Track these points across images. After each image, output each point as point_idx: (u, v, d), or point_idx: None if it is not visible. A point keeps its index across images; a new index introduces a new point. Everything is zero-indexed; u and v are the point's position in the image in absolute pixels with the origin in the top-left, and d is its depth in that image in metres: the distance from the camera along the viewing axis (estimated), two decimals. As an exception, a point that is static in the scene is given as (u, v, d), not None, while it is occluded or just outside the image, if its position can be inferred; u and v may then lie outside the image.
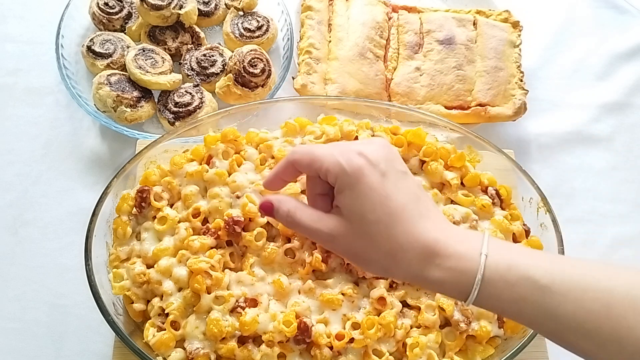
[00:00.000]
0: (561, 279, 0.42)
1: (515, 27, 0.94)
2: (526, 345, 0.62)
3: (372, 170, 0.45)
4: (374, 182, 0.45)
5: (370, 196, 0.45)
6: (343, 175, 0.46)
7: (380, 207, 0.45)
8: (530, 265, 0.43)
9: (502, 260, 0.44)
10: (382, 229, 0.45)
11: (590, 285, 0.42)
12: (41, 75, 0.89)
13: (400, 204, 0.45)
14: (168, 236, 0.66)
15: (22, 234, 0.77)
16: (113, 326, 0.60)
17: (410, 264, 0.45)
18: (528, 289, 0.42)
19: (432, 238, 0.45)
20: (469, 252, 0.44)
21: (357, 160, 0.46)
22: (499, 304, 0.44)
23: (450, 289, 0.45)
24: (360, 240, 0.46)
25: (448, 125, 0.75)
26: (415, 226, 0.45)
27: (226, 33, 0.90)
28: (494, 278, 0.43)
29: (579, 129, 0.94)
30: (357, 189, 0.45)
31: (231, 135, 0.71)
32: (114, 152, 0.83)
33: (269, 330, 0.60)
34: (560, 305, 0.42)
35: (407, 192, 0.46)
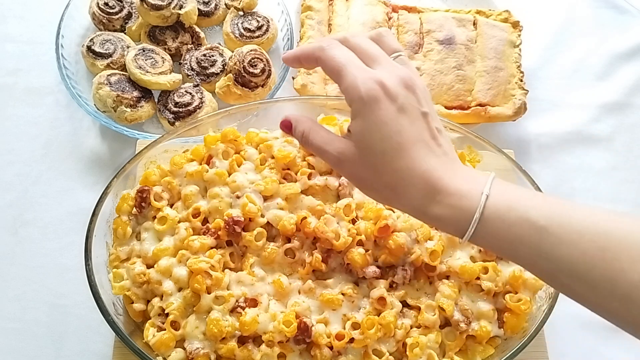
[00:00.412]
0: (559, 222, 0.42)
1: (515, 27, 0.94)
2: (526, 345, 0.62)
3: (388, 104, 0.45)
4: (388, 116, 0.45)
5: (381, 128, 0.45)
6: (359, 101, 0.45)
7: (389, 141, 0.45)
8: (530, 206, 0.43)
9: (503, 201, 0.44)
10: (387, 161, 0.45)
11: (587, 229, 0.42)
12: (41, 75, 0.89)
13: (410, 140, 0.45)
14: (168, 236, 0.66)
15: (22, 234, 0.77)
16: (113, 326, 0.60)
17: (411, 198, 0.45)
18: (525, 229, 0.43)
19: (436, 176, 0.45)
20: (471, 191, 0.44)
21: (375, 90, 0.45)
22: (495, 242, 0.45)
23: (448, 225, 0.46)
24: (366, 169, 0.47)
25: (448, 125, 0.75)
26: (420, 162, 0.45)
27: (226, 33, 0.90)
28: (492, 217, 0.44)
29: (579, 129, 0.93)
30: (370, 118, 0.45)
31: (231, 135, 0.71)
32: (114, 152, 0.83)
33: (269, 330, 0.60)
34: (556, 247, 0.42)
35: (422, 130, 0.46)
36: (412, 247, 0.65)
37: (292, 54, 0.51)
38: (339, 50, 0.48)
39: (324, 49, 0.48)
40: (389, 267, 0.66)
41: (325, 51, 0.48)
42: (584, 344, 0.76)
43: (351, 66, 0.46)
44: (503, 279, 0.65)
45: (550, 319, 0.63)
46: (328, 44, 0.48)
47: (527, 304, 0.63)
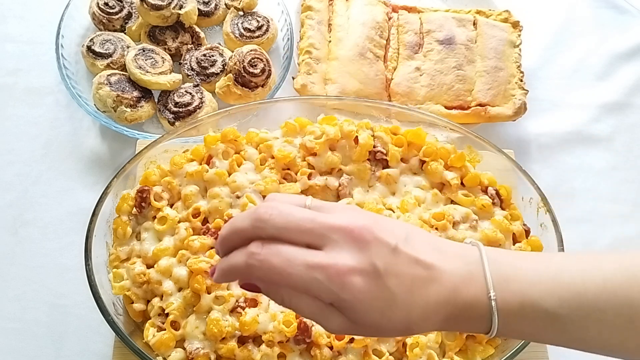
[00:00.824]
0: (577, 304, 0.41)
1: (515, 27, 0.94)
2: (526, 345, 0.62)
3: (370, 283, 0.40)
4: (375, 293, 0.40)
5: (376, 306, 0.41)
6: (340, 301, 0.40)
7: (389, 309, 0.41)
8: (542, 294, 0.42)
9: (512, 299, 0.42)
10: (396, 321, 0.42)
11: (608, 303, 0.41)
12: (41, 75, 0.89)
13: (407, 295, 0.41)
14: (168, 236, 0.66)
15: (22, 234, 0.77)
16: (113, 326, 0.60)
17: (429, 328, 0.44)
18: (547, 321, 0.42)
19: (443, 302, 0.42)
20: (478, 299, 0.42)
21: (351, 283, 0.39)
22: (523, 335, 0.45)
23: (471, 331, 0.47)
24: (375, 331, 0.43)
25: (448, 125, 0.75)
26: (428, 305, 0.42)
27: (226, 33, 0.90)
28: (509, 317, 0.42)
29: (579, 129, 0.93)
30: (360, 307, 0.40)
31: (231, 135, 0.71)
32: (114, 152, 0.83)
33: (269, 330, 0.60)
34: (583, 330, 0.42)
35: (406, 268, 0.41)
36: (412, 247, 0.65)
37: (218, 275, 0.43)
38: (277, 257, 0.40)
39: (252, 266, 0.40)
40: (389, 267, 0.66)
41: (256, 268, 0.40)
42: (584, 344, 0.76)
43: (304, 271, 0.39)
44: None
45: (550, 319, 0.63)
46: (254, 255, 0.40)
47: (527, 304, 0.63)
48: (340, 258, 0.40)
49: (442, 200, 0.71)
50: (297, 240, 0.41)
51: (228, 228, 0.43)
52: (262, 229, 0.41)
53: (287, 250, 0.40)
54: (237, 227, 0.42)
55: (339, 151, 0.71)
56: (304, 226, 0.41)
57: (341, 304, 0.40)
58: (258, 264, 0.40)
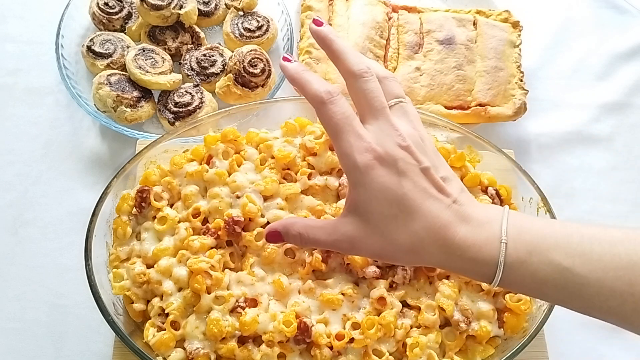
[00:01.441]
0: (582, 261, 0.42)
1: (515, 27, 0.94)
2: (526, 345, 0.62)
3: (386, 171, 0.45)
4: (389, 181, 0.45)
5: (386, 194, 0.45)
6: (355, 171, 0.45)
7: (397, 204, 0.45)
8: (551, 247, 0.43)
9: (522, 245, 0.44)
10: (400, 225, 0.45)
11: (611, 263, 0.42)
12: (41, 75, 0.89)
13: (418, 200, 0.45)
14: (168, 236, 0.66)
15: (22, 234, 0.77)
16: (113, 326, 0.60)
17: (432, 256, 0.46)
18: (549, 272, 0.43)
19: (452, 231, 0.45)
20: (489, 241, 0.44)
21: (371, 161, 0.45)
22: (522, 287, 0.45)
23: (474, 276, 0.46)
24: (381, 239, 0.46)
25: (448, 125, 0.75)
26: (433, 220, 0.45)
27: (226, 33, 0.90)
28: (515, 265, 0.44)
29: (579, 129, 0.93)
30: (372, 186, 0.45)
31: (231, 135, 0.71)
32: (114, 152, 0.83)
33: (269, 330, 0.60)
34: (583, 287, 0.42)
35: (426, 187, 0.46)
36: (412, 247, 0.65)
37: (292, 73, 0.49)
38: (338, 108, 0.46)
39: (325, 104, 0.46)
40: (389, 267, 0.66)
41: (325, 106, 0.46)
42: (584, 344, 0.76)
43: (349, 132, 0.46)
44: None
45: (550, 319, 0.63)
46: (331, 96, 0.47)
47: (527, 304, 0.63)
48: (376, 141, 0.46)
49: (442, 200, 0.71)
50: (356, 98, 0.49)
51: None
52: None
53: (350, 110, 0.47)
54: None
55: (339, 151, 0.71)
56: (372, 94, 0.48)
57: (354, 176, 0.45)
58: (328, 99, 0.46)
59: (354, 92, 0.49)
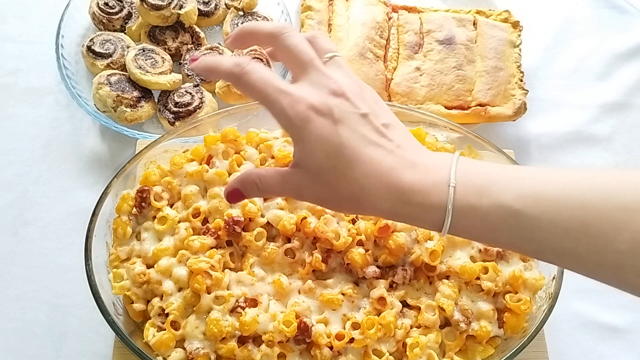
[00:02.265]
0: (534, 201, 0.40)
1: (515, 27, 0.94)
2: (526, 345, 0.62)
3: (322, 121, 0.43)
4: (325, 131, 0.43)
5: (323, 145, 0.43)
6: (291, 127, 0.44)
7: (335, 155, 0.43)
8: (502, 189, 0.41)
9: (472, 188, 0.42)
10: (339, 175, 0.44)
11: (564, 203, 0.40)
12: (41, 75, 0.89)
13: (357, 147, 0.43)
14: (168, 236, 0.66)
15: (22, 234, 0.77)
16: (113, 326, 0.60)
17: (376, 204, 0.44)
18: (500, 215, 0.41)
19: (396, 176, 0.43)
20: (437, 185, 0.43)
21: (304, 113, 0.43)
22: (473, 232, 0.44)
23: (423, 223, 0.45)
24: (323, 188, 0.45)
25: (448, 125, 0.75)
26: (374, 166, 0.43)
27: (226, 33, 0.90)
28: (465, 209, 0.42)
29: (579, 129, 0.93)
30: (309, 139, 0.44)
31: (231, 135, 0.71)
32: (114, 152, 0.83)
33: (269, 330, 0.60)
34: (536, 229, 0.41)
35: (365, 133, 0.44)
36: (412, 247, 0.65)
37: (202, 66, 0.48)
38: (255, 73, 0.45)
39: (239, 77, 0.45)
40: (389, 267, 0.66)
41: (242, 79, 0.45)
42: (584, 344, 0.76)
43: (274, 92, 0.44)
44: (503, 279, 0.65)
45: (550, 319, 0.63)
46: (242, 69, 0.45)
47: (527, 304, 0.63)
48: (308, 93, 0.44)
49: (442, 200, 0.71)
50: (284, 59, 0.48)
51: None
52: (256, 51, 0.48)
53: (268, 72, 0.45)
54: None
55: (339, 151, 0.71)
56: (297, 49, 0.46)
57: (292, 132, 0.44)
58: (239, 72, 0.44)
59: (281, 53, 0.48)
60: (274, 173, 0.48)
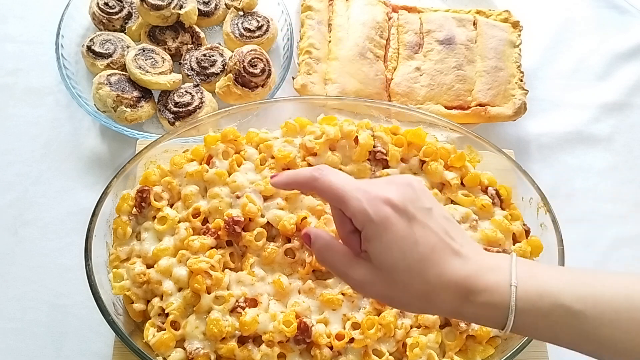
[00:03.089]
0: (593, 302, 0.42)
1: (515, 27, 0.94)
2: (526, 345, 0.62)
3: (399, 219, 0.45)
4: (401, 230, 0.44)
5: (399, 244, 0.44)
6: (370, 224, 0.45)
7: (410, 254, 0.44)
8: (561, 290, 0.43)
9: (532, 289, 0.44)
10: (414, 276, 0.45)
11: (623, 305, 0.42)
12: (41, 75, 0.89)
13: (429, 246, 0.45)
14: (168, 236, 0.66)
15: (22, 234, 0.77)
16: (113, 326, 0.60)
17: (444, 303, 0.45)
18: (561, 316, 0.43)
19: (463, 276, 0.44)
20: (500, 285, 0.44)
21: (384, 210, 0.44)
22: (535, 332, 0.45)
23: (486, 322, 0.46)
24: (393, 288, 0.46)
25: (448, 125, 0.75)
26: (445, 266, 0.45)
27: (226, 33, 0.90)
28: (527, 308, 0.43)
29: (579, 129, 0.94)
30: (386, 238, 0.44)
31: (231, 135, 0.71)
32: (114, 152, 0.83)
33: (269, 330, 0.60)
34: (597, 329, 0.42)
35: (436, 229, 0.46)
36: (412, 247, 0.65)
37: (283, 181, 0.50)
38: (334, 177, 0.47)
39: (317, 179, 0.47)
40: (389, 267, 0.66)
41: (320, 180, 0.47)
42: (584, 344, 0.76)
43: (352, 190, 0.46)
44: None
45: (550, 319, 0.63)
46: (321, 172, 0.47)
47: (527, 304, 0.63)
48: (383, 190, 0.45)
49: (442, 200, 0.71)
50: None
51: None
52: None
53: (346, 176, 0.48)
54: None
55: (339, 151, 0.71)
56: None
57: (370, 229, 0.44)
58: (320, 176, 0.47)
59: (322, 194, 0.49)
60: (343, 254, 0.48)
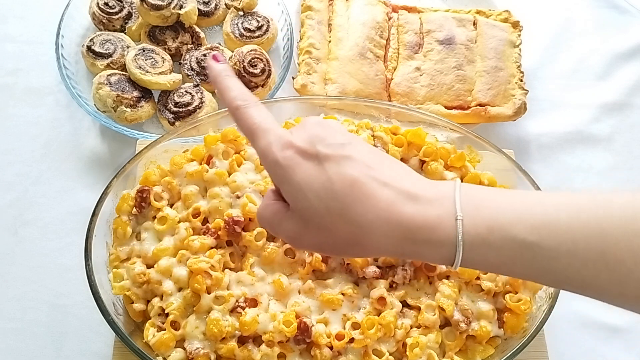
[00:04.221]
0: (548, 232, 0.39)
1: (515, 27, 0.94)
2: (526, 345, 0.62)
3: (305, 160, 0.41)
4: (310, 170, 0.41)
5: (310, 186, 0.40)
6: (276, 166, 0.42)
7: (326, 194, 0.40)
8: (513, 221, 0.39)
9: (481, 221, 0.40)
10: (335, 218, 0.40)
11: (581, 233, 0.38)
12: (41, 75, 0.89)
13: (347, 183, 0.40)
14: (168, 236, 0.66)
15: (22, 234, 0.77)
16: (113, 326, 0.60)
17: (380, 245, 0.41)
18: (515, 249, 0.39)
19: (396, 211, 0.40)
20: (443, 219, 0.40)
21: (288, 152, 0.41)
22: (487, 266, 0.42)
23: (432, 260, 0.43)
24: (320, 234, 0.42)
25: (448, 125, 0.75)
26: (372, 202, 0.40)
27: (226, 33, 0.90)
28: (476, 242, 0.40)
29: (579, 129, 0.93)
30: (295, 180, 0.41)
31: (231, 135, 0.71)
32: (114, 152, 0.83)
33: (269, 330, 0.60)
34: (553, 260, 0.39)
35: (354, 164, 0.41)
36: (412, 247, 0.65)
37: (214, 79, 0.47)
38: (255, 111, 0.44)
39: (239, 107, 0.44)
40: (389, 267, 0.66)
41: (240, 110, 0.44)
42: (584, 344, 0.76)
43: (266, 129, 0.43)
44: (503, 279, 0.65)
45: (550, 319, 0.63)
46: (246, 103, 0.45)
47: (527, 304, 0.63)
48: (292, 133, 0.43)
49: (442, 200, 0.71)
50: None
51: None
52: None
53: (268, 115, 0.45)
54: None
55: (339, 151, 0.71)
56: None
57: (275, 171, 0.42)
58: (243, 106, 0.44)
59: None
60: (276, 211, 0.44)
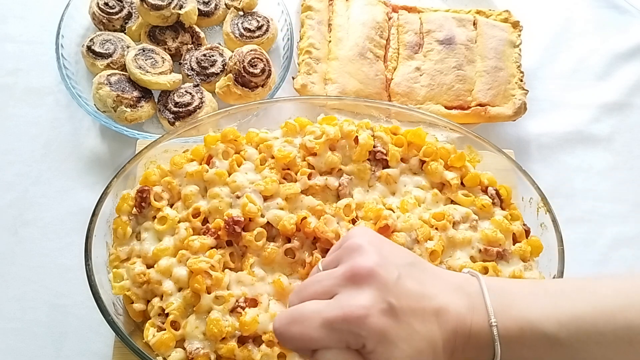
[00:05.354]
0: (576, 327, 0.42)
1: (515, 27, 0.94)
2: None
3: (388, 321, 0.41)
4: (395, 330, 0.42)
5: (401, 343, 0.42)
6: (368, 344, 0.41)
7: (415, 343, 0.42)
8: (541, 319, 0.43)
9: (512, 323, 0.43)
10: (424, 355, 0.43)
11: (607, 326, 0.42)
12: (41, 75, 0.89)
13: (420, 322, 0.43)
14: (168, 236, 0.66)
15: (22, 234, 0.77)
16: (113, 326, 0.60)
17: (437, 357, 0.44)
18: (547, 346, 0.43)
19: (451, 330, 0.43)
20: (481, 328, 0.44)
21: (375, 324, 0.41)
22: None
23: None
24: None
25: (448, 125, 0.75)
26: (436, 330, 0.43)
27: (226, 33, 0.90)
28: (511, 342, 0.43)
29: (579, 129, 0.94)
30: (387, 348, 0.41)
31: (231, 135, 0.71)
32: (114, 152, 0.83)
33: (269, 330, 0.60)
34: (585, 353, 0.43)
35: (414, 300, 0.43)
36: (412, 247, 0.65)
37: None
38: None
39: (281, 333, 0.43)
40: (389, 267, 0.66)
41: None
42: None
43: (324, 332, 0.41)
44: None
45: (550, 319, 0.63)
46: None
47: (527, 304, 0.63)
48: (354, 301, 0.41)
49: (442, 200, 0.71)
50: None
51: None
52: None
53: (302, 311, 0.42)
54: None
55: (339, 151, 0.71)
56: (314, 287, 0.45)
57: (369, 346, 0.41)
58: (280, 335, 0.43)
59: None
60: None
